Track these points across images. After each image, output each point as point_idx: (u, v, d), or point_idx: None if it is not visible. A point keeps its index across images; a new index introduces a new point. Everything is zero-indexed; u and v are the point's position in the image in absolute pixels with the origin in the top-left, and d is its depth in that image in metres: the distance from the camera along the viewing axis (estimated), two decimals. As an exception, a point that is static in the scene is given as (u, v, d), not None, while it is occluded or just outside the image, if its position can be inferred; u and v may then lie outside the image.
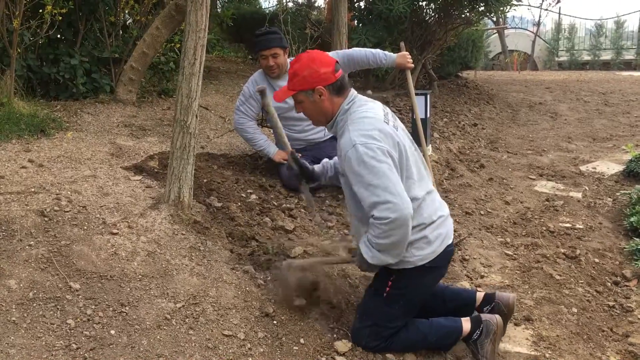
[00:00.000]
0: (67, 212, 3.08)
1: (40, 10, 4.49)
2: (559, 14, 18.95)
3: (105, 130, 4.50)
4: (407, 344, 2.75)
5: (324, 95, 2.60)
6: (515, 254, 3.99)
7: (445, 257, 2.70)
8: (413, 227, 2.51)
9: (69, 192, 3.28)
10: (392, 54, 3.96)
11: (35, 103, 4.62)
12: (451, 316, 2.85)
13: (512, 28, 18.92)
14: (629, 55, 17.55)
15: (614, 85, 10.67)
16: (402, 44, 4.08)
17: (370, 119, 2.54)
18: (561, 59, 18.39)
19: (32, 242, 2.78)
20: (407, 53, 3.97)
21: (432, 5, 7.70)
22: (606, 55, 17.75)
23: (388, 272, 2.69)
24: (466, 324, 2.80)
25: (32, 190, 3.23)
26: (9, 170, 3.45)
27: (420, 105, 5.62)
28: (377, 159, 2.42)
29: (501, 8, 8.00)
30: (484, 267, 3.81)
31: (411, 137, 2.75)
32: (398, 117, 6.30)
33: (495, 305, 2.94)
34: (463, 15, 7.85)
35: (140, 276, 2.80)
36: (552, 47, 18.58)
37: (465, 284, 3.52)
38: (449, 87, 8.56)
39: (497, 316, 2.82)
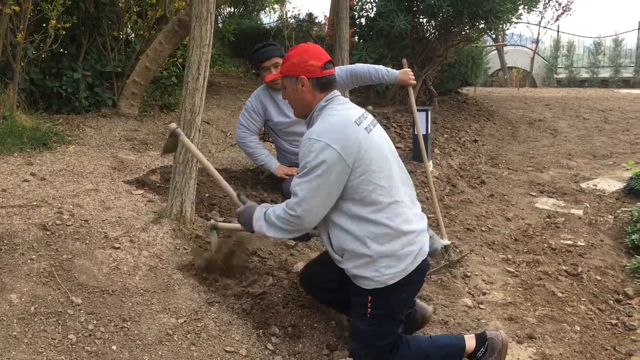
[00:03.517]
0: (69, 225, 3.08)
1: (44, 25, 4.51)
2: (558, 31, 19.10)
3: (107, 144, 4.50)
4: None
5: (305, 86, 2.60)
6: (517, 271, 3.98)
7: (421, 272, 2.62)
8: (378, 237, 2.48)
9: (71, 206, 3.28)
10: (394, 70, 3.97)
11: (37, 116, 4.63)
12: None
13: (511, 45, 19.07)
14: (627, 73, 17.64)
15: (613, 102, 10.72)
16: (404, 60, 4.10)
17: (338, 118, 2.52)
18: (560, 76, 18.49)
19: (33, 256, 2.77)
20: (410, 70, 3.98)
21: (432, 22, 7.75)
22: (605, 73, 17.85)
23: (364, 295, 2.61)
24: (470, 341, 2.77)
25: (34, 203, 3.23)
26: (11, 184, 3.45)
27: (421, 121, 5.65)
28: (319, 164, 2.40)
29: (501, 25, 8.06)
30: (486, 283, 3.80)
31: (392, 145, 2.70)
32: (399, 133, 6.35)
33: (412, 313, 2.89)
34: (463, 32, 7.90)
35: (142, 291, 2.78)
36: (550, 65, 18.69)
37: (468, 301, 3.50)
38: (449, 103, 8.60)
39: (502, 333, 2.80)
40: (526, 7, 7.66)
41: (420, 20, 7.70)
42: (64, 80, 4.99)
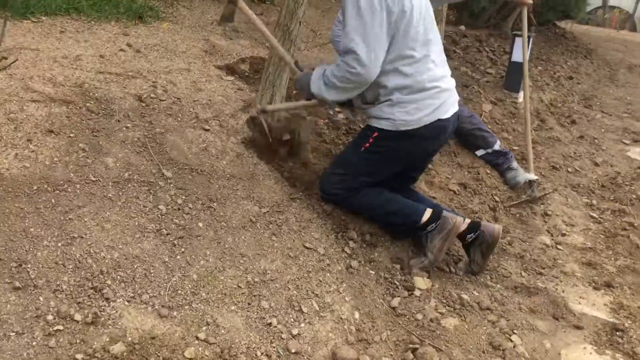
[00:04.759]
0: (163, 101, 3.08)
1: None
2: (673, -28, 17.40)
3: (200, 26, 4.44)
4: (365, 202, 2.77)
5: None
6: (600, 218, 3.81)
7: (435, 130, 2.62)
8: (403, 88, 2.52)
9: (164, 82, 3.27)
10: (511, -14, 3.67)
11: (133, -11, 4.58)
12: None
13: (619, -19, 17.55)
14: None
15: None
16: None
17: None
18: (665, 23, 17.04)
19: (129, 125, 2.80)
20: (528, -12, 3.67)
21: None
22: None
23: (371, 130, 2.67)
24: (427, 213, 2.75)
25: (130, 74, 3.24)
26: (109, 52, 3.46)
27: (521, 48, 5.33)
28: (370, 5, 2.37)
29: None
30: (566, 225, 3.67)
31: (429, 4, 2.67)
32: (491, 58, 6.02)
33: (479, 234, 2.83)
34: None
35: (228, 175, 2.80)
36: (657, 9, 17.20)
37: (546, 239, 3.40)
38: (546, 35, 8.05)
39: (459, 218, 2.76)
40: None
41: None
42: (162, -46, 4.87)
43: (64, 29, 3.57)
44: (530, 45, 5.32)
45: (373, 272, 2.67)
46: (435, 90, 2.60)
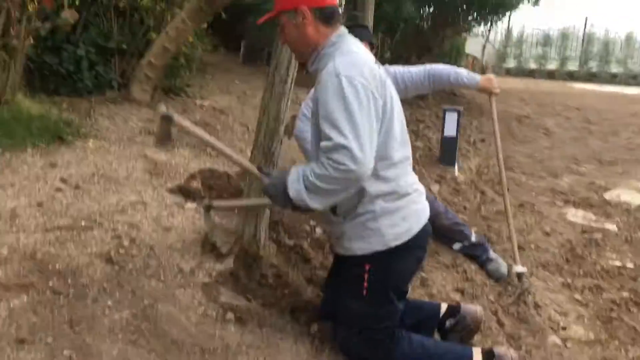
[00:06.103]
0: (135, 256, 2.53)
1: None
2: (509, 21, 19.31)
3: (128, 138, 3.86)
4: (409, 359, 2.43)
5: (307, 18, 2.17)
6: (584, 299, 3.75)
7: (425, 236, 2.36)
8: (386, 195, 2.21)
9: (125, 227, 2.71)
10: (476, 75, 3.56)
11: (39, 99, 3.90)
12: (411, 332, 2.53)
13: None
14: (572, 67, 18.22)
15: (581, 100, 10.79)
16: (486, 65, 3.72)
17: (361, 55, 2.17)
18: (509, 65, 18.76)
19: (109, 302, 2.22)
20: (493, 76, 3.59)
21: (437, 11, 7.42)
22: (551, 65, 18.32)
23: (361, 264, 2.29)
24: (477, 355, 2.51)
25: (83, 224, 2.64)
26: (45, 195, 2.82)
27: (452, 122, 5.35)
28: (359, 99, 2.02)
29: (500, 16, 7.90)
30: (560, 315, 3.54)
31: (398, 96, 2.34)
32: (413, 130, 5.98)
33: (460, 319, 2.70)
34: (464, 24, 7.67)
35: (244, 347, 2.29)
36: (501, 53, 18.91)
37: (556, 340, 3.24)
38: (441, 95, 8.31)
39: (513, 352, 2.56)
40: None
41: (426, 8, 7.38)
42: (64, 56, 4.24)
43: (-21, 172, 2.87)
44: (459, 118, 5.35)
45: None
46: (416, 194, 2.34)
